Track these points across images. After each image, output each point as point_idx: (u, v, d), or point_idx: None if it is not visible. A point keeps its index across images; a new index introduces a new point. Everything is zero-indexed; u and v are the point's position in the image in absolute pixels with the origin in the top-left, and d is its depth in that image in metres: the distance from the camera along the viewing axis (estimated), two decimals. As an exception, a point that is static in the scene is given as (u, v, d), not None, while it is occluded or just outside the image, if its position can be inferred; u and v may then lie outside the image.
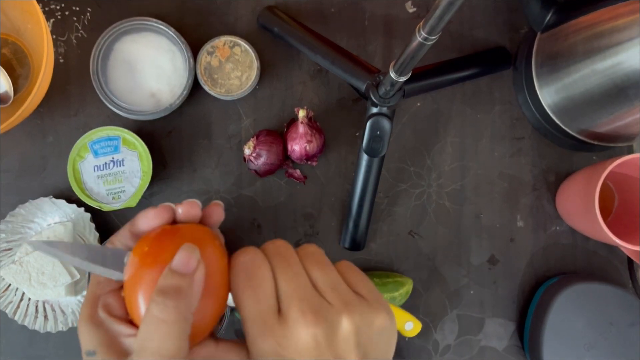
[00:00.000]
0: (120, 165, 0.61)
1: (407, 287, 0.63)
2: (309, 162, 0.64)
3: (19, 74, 0.65)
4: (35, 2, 0.57)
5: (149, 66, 0.62)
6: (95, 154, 0.61)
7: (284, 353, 0.25)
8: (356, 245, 0.64)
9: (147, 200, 0.65)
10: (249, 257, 0.28)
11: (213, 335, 0.30)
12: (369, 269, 0.66)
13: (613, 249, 0.66)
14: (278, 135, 0.64)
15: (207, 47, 0.62)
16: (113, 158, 0.61)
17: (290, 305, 0.26)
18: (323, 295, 0.27)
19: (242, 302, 0.27)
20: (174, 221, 0.30)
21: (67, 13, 0.66)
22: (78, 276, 0.60)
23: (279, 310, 0.27)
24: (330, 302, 0.27)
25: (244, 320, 0.27)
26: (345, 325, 0.26)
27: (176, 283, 0.26)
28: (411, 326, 0.60)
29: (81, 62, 0.65)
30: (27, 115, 0.62)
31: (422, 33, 0.42)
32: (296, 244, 0.65)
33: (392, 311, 0.29)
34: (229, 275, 0.28)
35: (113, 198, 0.61)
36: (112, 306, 0.29)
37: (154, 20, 0.62)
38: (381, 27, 0.67)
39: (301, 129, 0.61)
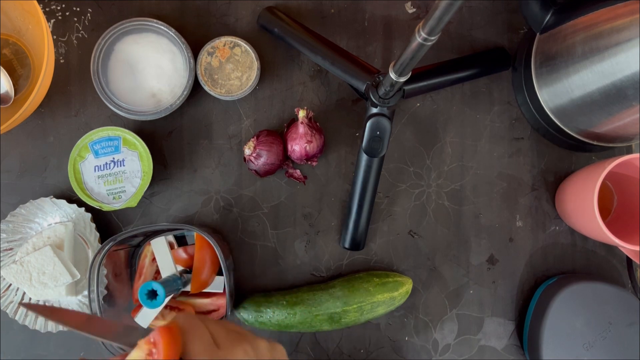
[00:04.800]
0: (120, 166, 0.61)
1: (407, 286, 0.63)
2: (309, 162, 0.64)
3: (19, 74, 0.65)
4: (35, 3, 0.57)
5: (150, 66, 0.62)
6: (96, 154, 0.61)
7: None
8: (356, 245, 0.64)
9: (148, 200, 0.65)
10: (188, 320, 0.41)
11: None
12: (369, 269, 0.66)
13: (612, 249, 0.66)
14: (278, 135, 0.64)
15: (208, 47, 0.63)
16: (114, 158, 0.61)
17: (221, 339, 0.40)
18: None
19: (194, 345, 0.38)
20: None
21: (67, 13, 0.66)
22: (79, 276, 0.60)
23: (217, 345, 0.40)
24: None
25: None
26: (257, 346, 0.42)
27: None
28: None
29: (82, 62, 0.66)
30: (27, 115, 0.62)
31: (422, 34, 0.42)
32: (296, 244, 0.65)
33: None
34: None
35: (114, 198, 0.61)
36: None
37: (155, 20, 0.62)
38: (381, 28, 0.67)
39: (301, 129, 0.61)
